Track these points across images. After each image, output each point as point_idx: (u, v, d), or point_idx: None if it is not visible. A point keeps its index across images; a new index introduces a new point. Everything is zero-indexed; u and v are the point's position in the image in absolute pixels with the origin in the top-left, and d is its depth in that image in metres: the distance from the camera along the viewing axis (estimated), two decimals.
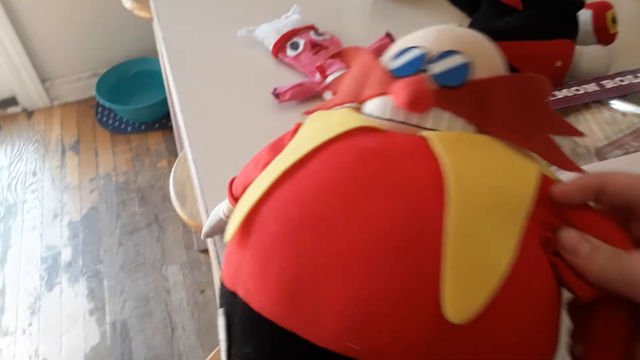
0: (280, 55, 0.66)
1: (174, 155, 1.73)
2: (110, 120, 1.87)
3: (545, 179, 0.27)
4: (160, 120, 1.86)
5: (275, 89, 0.59)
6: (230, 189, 0.39)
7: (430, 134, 0.27)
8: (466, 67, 0.29)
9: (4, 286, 1.41)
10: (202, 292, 1.39)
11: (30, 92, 1.88)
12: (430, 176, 0.25)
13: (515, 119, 0.28)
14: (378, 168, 0.26)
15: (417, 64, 0.29)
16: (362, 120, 0.29)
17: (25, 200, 1.64)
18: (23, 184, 1.68)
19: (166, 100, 1.44)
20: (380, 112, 0.30)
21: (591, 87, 0.51)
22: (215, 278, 0.45)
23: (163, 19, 0.76)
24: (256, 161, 0.35)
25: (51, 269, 1.45)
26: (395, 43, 0.32)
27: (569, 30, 0.53)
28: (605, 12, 0.58)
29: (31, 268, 1.45)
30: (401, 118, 0.29)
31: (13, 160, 1.76)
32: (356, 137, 0.28)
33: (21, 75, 1.82)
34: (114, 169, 1.72)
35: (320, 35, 0.66)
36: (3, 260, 1.47)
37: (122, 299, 1.38)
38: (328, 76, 0.61)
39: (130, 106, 1.79)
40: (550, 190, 0.27)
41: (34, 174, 1.72)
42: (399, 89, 0.28)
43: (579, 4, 0.54)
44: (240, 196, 0.37)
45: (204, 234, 0.46)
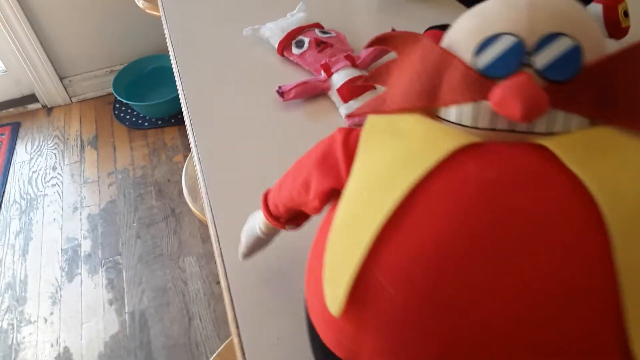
0: (285, 54, 0.67)
1: (190, 150, 1.76)
2: (128, 116, 1.91)
3: None
4: (176, 115, 1.89)
5: (280, 87, 0.61)
6: (266, 206, 0.35)
7: (552, 144, 0.22)
8: (577, 52, 0.23)
9: (26, 276, 1.47)
10: (218, 283, 1.42)
11: (50, 89, 1.93)
12: (575, 201, 0.21)
13: None
14: (508, 205, 0.21)
15: (517, 58, 0.23)
16: (456, 135, 0.23)
17: (45, 194, 1.68)
18: (43, 179, 1.73)
19: None
20: (474, 121, 0.24)
21: None
22: (220, 276, 0.46)
23: (170, 18, 0.79)
24: (304, 183, 0.30)
25: (71, 260, 1.50)
26: (463, 25, 0.26)
27: None
28: (616, 5, 0.56)
29: (52, 259, 1.50)
30: (507, 126, 0.23)
31: (33, 156, 1.82)
32: (462, 162, 0.22)
33: (40, 73, 1.86)
34: (131, 163, 1.76)
35: (325, 33, 0.67)
36: (25, 252, 1.52)
37: (141, 290, 1.42)
38: (333, 74, 0.62)
39: (146, 102, 1.82)
40: None
41: (54, 168, 1.77)
42: (506, 96, 0.22)
43: None
44: (283, 217, 0.35)
45: (242, 256, 0.42)
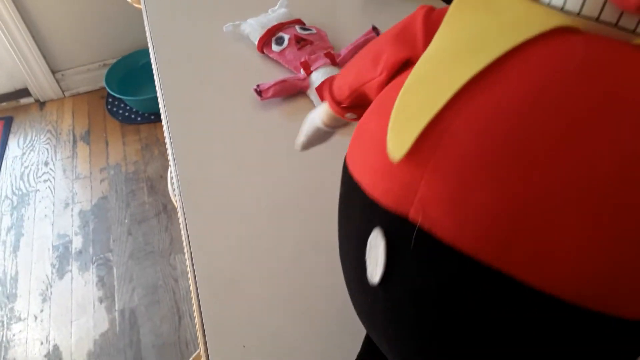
0: (265, 51, 0.66)
1: None
2: (120, 111, 1.89)
3: None
4: None
5: (257, 86, 0.59)
6: (330, 92, 0.33)
7: None
8: None
9: (16, 273, 1.45)
10: None
11: (42, 84, 1.91)
12: None
13: None
14: (610, 89, 0.19)
15: None
16: (558, 16, 0.21)
17: (37, 190, 1.67)
18: (35, 174, 1.72)
19: None
20: (581, 7, 0.22)
21: None
22: (192, 292, 0.45)
23: (151, 11, 0.77)
24: (374, 58, 0.29)
25: (62, 257, 1.48)
26: None
27: None
28: None
29: (43, 256, 1.49)
30: (612, 18, 0.21)
31: (25, 151, 1.80)
32: (567, 38, 0.21)
33: (32, 67, 1.85)
34: (123, 159, 1.75)
35: (306, 29, 0.65)
36: (16, 248, 1.51)
37: (131, 287, 1.41)
38: (312, 72, 0.60)
39: (139, 96, 1.80)
40: None
41: (46, 163, 1.75)
42: None
43: None
44: (346, 99, 0.32)
45: (301, 146, 0.39)
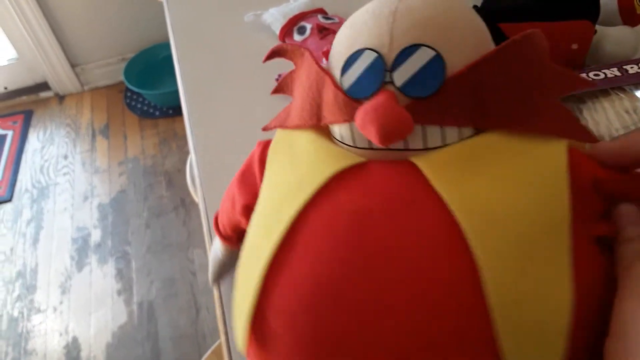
0: (287, 40, 0.64)
1: None
2: (139, 105, 1.90)
3: (574, 153, 0.22)
4: None
5: (279, 75, 0.58)
6: (217, 228, 0.36)
7: (422, 163, 0.22)
8: (439, 63, 0.22)
9: (36, 265, 1.47)
10: None
11: (62, 77, 1.92)
12: (442, 227, 0.20)
13: (516, 100, 0.22)
14: (381, 235, 0.21)
15: (377, 76, 0.22)
16: (336, 158, 0.23)
17: (57, 183, 1.69)
18: (55, 167, 1.73)
19: None
20: (353, 141, 0.24)
21: (612, 72, 0.48)
22: (215, 295, 0.44)
23: (172, 3, 0.76)
24: (231, 200, 0.31)
25: (81, 250, 1.49)
26: (339, 35, 0.25)
27: (588, 10, 0.49)
28: None
29: (62, 248, 1.50)
30: (382, 145, 0.22)
31: (45, 144, 1.82)
32: (336, 190, 0.22)
33: (52, 60, 1.86)
34: (142, 152, 1.75)
35: (328, 19, 0.64)
36: (36, 240, 1.53)
37: (149, 280, 1.41)
38: None
39: (157, 91, 1.81)
40: (592, 149, 0.22)
41: (65, 157, 1.76)
42: (365, 123, 0.21)
43: None
44: (231, 236, 0.35)
45: (211, 281, 0.42)
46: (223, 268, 0.40)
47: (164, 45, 1.93)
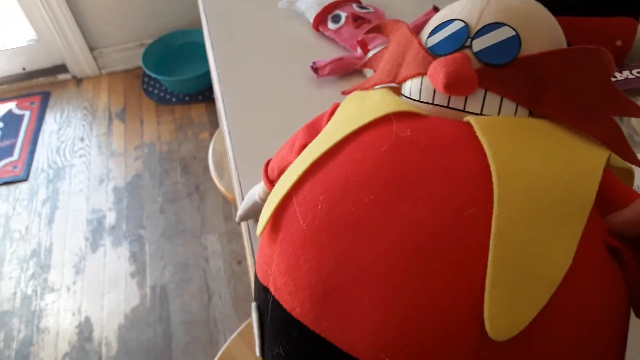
0: (321, 28, 0.65)
1: (216, 127, 1.75)
2: (156, 91, 1.90)
3: (609, 175, 0.24)
4: (204, 92, 1.88)
5: (314, 63, 0.58)
6: (265, 171, 0.38)
7: (474, 119, 0.24)
8: (515, 41, 0.24)
9: (51, 244, 1.48)
10: (239, 263, 1.42)
11: (80, 60, 1.93)
12: (475, 170, 0.22)
13: (574, 99, 0.24)
14: (415, 160, 0.23)
15: (459, 40, 0.25)
16: (399, 103, 0.26)
17: (73, 165, 1.70)
18: (71, 149, 1.75)
19: (210, 72, 1.44)
20: (420, 95, 0.27)
21: None
22: (247, 254, 0.45)
23: None
24: (292, 144, 0.34)
25: (96, 232, 1.51)
26: (437, 14, 0.29)
27: (632, 6, 0.49)
28: None
29: (77, 229, 1.52)
30: (444, 102, 0.25)
31: (62, 126, 1.83)
32: (393, 124, 0.25)
33: (71, 43, 1.87)
34: (158, 138, 1.76)
35: (363, 8, 0.64)
36: (51, 220, 1.54)
37: (162, 264, 1.42)
38: (369, 51, 0.59)
39: (175, 77, 1.81)
40: (606, 220, 0.23)
41: (82, 139, 1.77)
42: (436, 69, 0.24)
43: None
44: (276, 179, 0.36)
45: (238, 218, 0.44)
46: (254, 212, 0.42)
47: (182, 33, 1.94)
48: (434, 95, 0.26)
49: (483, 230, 0.20)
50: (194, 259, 1.43)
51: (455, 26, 0.26)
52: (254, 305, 0.28)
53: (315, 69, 0.58)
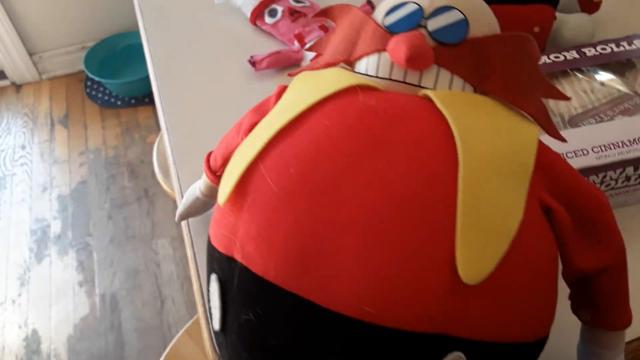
0: (258, 23, 0.65)
1: None
2: (100, 94, 1.85)
3: (541, 145, 0.27)
4: (151, 94, 1.84)
5: (252, 57, 0.58)
6: (207, 163, 0.38)
7: (433, 93, 0.26)
8: (464, 24, 0.27)
9: None
10: None
11: (19, 66, 1.85)
12: (439, 134, 0.24)
13: (513, 78, 0.28)
14: (384, 126, 0.25)
15: (414, 20, 0.28)
16: (359, 78, 0.27)
17: (14, 174, 1.63)
18: (12, 158, 1.67)
19: None
20: (377, 71, 0.28)
21: (571, 55, 0.50)
22: (189, 256, 0.45)
23: None
24: (237, 128, 0.34)
25: (40, 241, 1.45)
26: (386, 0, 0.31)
27: None
28: None
29: (20, 240, 1.45)
30: (400, 77, 0.28)
31: (1, 134, 1.75)
32: (358, 95, 0.27)
33: (9, 48, 1.79)
34: (103, 143, 1.71)
35: (299, 2, 0.65)
36: None
37: (112, 272, 1.38)
38: (306, 44, 0.59)
39: (119, 80, 1.77)
40: None
41: (23, 147, 1.70)
42: (397, 44, 0.26)
43: None
44: (220, 168, 0.37)
45: (178, 216, 0.44)
46: (195, 208, 0.42)
47: (125, 35, 1.89)
48: (391, 70, 0.28)
49: (450, 186, 0.23)
50: (145, 265, 1.40)
51: (410, 7, 0.28)
52: (213, 277, 0.28)
53: (253, 63, 0.58)
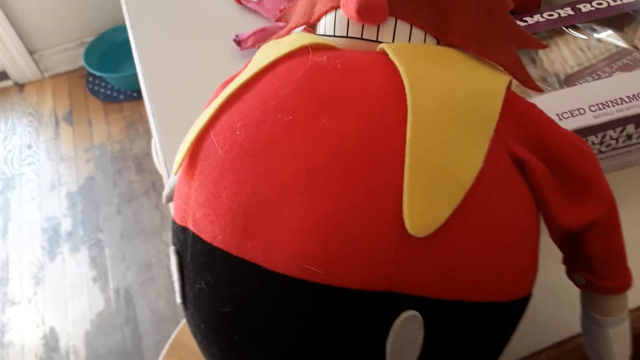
0: (243, 1, 0.63)
1: None
2: (102, 89, 1.85)
3: (512, 95, 0.25)
4: None
5: (237, 36, 0.57)
6: None
7: (387, 45, 0.25)
8: None
9: (7, 257, 1.43)
10: None
11: (20, 65, 1.86)
12: (390, 87, 0.23)
13: (477, 28, 0.26)
14: (333, 82, 0.24)
15: None
16: (315, 38, 0.27)
17: (22, 173, 1.64)
18: (19, 157, 1.68)
19: None
20: (334, 29, 0.27)
21: (565, 12, 0.48)
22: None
23: None
24: (207, 104, 0.34)
25: (52, 239, 1.46)
26: None
27: None
28: None
29: (32, 239, 1.47)
30: (358, 33, 0.26)
31: (7, 135, 1.76)
32: (309, 54, 0.26)
33: (9, 48, 1.79)
34: (108, 138, 1.71)
35: None
36: (4, 232, 1.49)
37: (124, 266, 1.39)
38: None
39: (120, 74, 1.76)
40: None
41: (29, 146, 1.71)
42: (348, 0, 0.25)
43: None
44: None
45: (165, 197, 0.43)
46: None
47: (124, 28, 1.88)
48: (348, 27, 0.27)
49: (399, 138, 0.22)
50: (157, 257, 1.40)
51: None
52: (172, 249, 0.28)
53: (239, 42, 0.57)
